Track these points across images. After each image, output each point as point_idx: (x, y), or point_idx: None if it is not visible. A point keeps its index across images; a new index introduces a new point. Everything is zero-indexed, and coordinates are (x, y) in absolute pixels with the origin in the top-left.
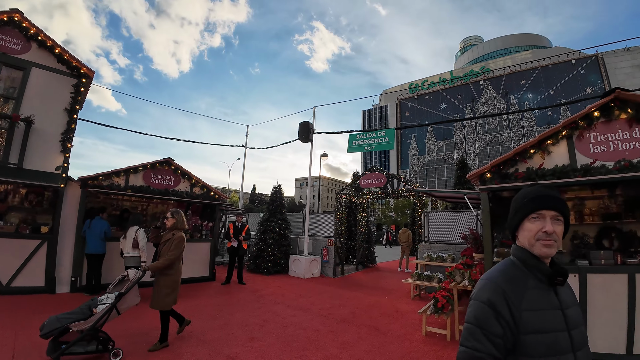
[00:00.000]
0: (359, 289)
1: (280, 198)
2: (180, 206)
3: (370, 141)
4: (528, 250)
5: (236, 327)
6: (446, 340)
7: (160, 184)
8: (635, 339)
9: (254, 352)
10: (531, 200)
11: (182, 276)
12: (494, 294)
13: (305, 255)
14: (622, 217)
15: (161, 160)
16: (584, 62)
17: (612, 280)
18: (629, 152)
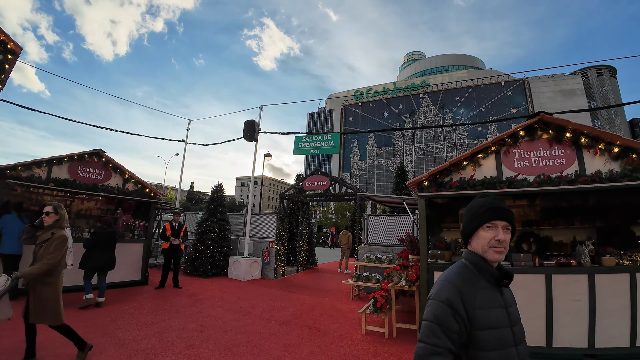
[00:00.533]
0: (301, 291)
1: (221, 197)
2: (111, 203)
3: (316, 144)
4: (481, 255)
5: (173, 334)
6: (384, 337)
7: (88, 178)
8: (554, 332)
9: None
10: (486, 211)
11: (110, 280)
12: (451, 294)
13: (246, 257)
14: (539, 224)
15: (90, 151)
16: (512, 85)
17: (531, 280)
18: (548, 168)
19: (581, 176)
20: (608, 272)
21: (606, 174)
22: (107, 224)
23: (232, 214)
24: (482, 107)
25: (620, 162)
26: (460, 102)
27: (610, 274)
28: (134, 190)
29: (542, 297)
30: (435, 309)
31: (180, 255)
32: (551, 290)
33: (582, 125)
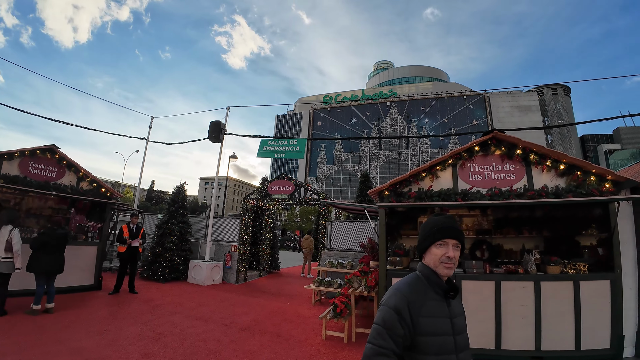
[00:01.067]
0: (262, 296)
1: (183, 199)
2: (64, 203)
3: (281, 148)
4: (432, 269)
5: (127, 342)
6: (344, 342)
7: (40, 175)
8: (502, 335)
9: None
10: (439, 230)
11: (60, 285)
12: (399, 301)
13: (207, 261)
14: (492, 233)
15: (43, 147)
16: (474, 99)
17: (481, 286)
18: (499, 182)
19: (529, 190)
20: (553, 280)
21: (552, 189)
22: (57, 225)
23: (193, 216)
24: (445, 118)
25: (566, 179)
26: (425, 112)
27: (554, 281)
28: (88, 189)
29: (492, 302)
30: (384, 314)
31: (137, 259)
32: (500, 296)
33: (532, 144)
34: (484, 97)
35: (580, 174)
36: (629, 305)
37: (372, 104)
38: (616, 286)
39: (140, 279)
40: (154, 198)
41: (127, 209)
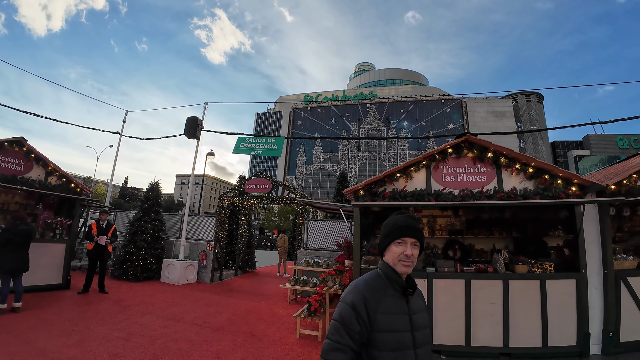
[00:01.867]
0: (237, 295)
1: (157, 196)
2: (31, 198)
3: (258, 146)
4: (392, 267)
5: (96, 343)
6: (318, 341)
7: (7, 169)
8: (472, 332)
9: None
10: (398, 228)
11: (26, 284)
12: (356, 298)
13: (181, 259)
14: (464, 233)
15: (11, 139)
16: (451, 103)
17: (452, 284)
18: (471, 184)
19: (499, 192)
20: (520, 279)
21: (521, 191)
22: (20, 220)
23: (167, 214)
24: (424, 121)
25: (534, 182)
26: (404, 114)
27: (522, 280)
28: (57, 184)
29: (462, 300)
30: (341, 311)
31: (107, 258)
32: (470, 294)
33: (502, 147)
34: (461, 101)
35: (547, 177)
36: (594, 304)
37: (352, 105)
38: (581, 285)
39: (111, 279)
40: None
41: (98, 206)
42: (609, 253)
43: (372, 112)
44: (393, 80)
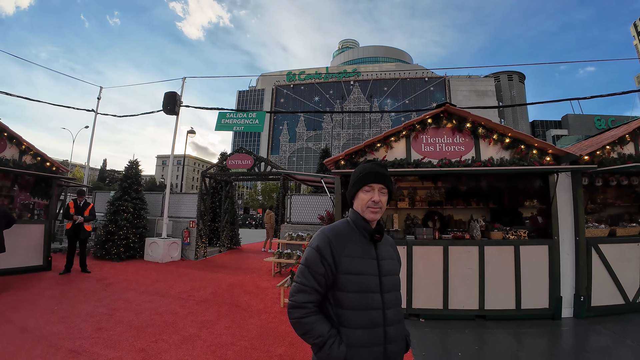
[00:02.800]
0: (222, 270)
1: (137, 174)
2: (6, 179)
3: (240, 121)
4: (360, 214)
5: (80, 319)
6: None
7: None
8: (449, 296)
9: (102, 342)
10: (365, 175)
11: (6, 266)
12: (322, 242)
13: (164, 237)
14: (443, 204)
15: None
16: (434, 81)
17: (431, 251)
18: (449, 153)
19: (476, 161)
20: (495, 245)
21: (497, 160)
22: None
23: (149, 193)
24: (407, 99)
25: (511, 152)
26: (388, 92)
27: (497, 246)
28: (32, 163)
29: (440, 266)
30: (307, 254)
31: (85, 237)
32: (448, 260)
33: (480, 118)
34: (444, 80)
35: (523, 147)
36: (566, 270)
37: (335, 83)
38: (553, 251)
39: (93, 259)
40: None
41: (75, 185)
42: (580, 220)
43: (355, 89)
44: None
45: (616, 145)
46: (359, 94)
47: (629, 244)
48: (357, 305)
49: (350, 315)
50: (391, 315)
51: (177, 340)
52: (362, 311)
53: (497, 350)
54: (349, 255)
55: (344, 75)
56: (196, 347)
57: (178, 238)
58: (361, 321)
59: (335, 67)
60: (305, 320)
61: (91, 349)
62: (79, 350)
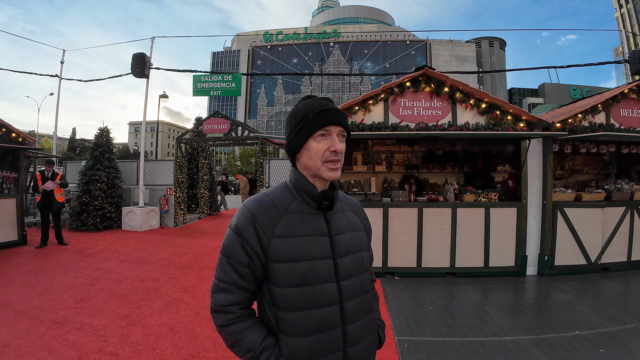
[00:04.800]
0: (202, 236)
1: (108, 142)
2: None
3: (216, 85)
4: (311, 173)
5: (60, 290)
6: None
7: None
8: (423, 255)
9: (85, 312)
10: (316, 115)
11: None
12: (242, 220)
13: (141, 206)
14: (419, 168)
15: None
16: (416, 45)
17: (406, 212)
18: (427, 117)
19: (453, 126)
20: (467, 207)
21: (473, 125)
22: None
23: (122, 161)
24: (388, 62)
25: (486, 117)
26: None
27: (469, 208)
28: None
29: (414, 227)
30: (225, 239)
31: (58, 209)
32: (422, 221)
33: (458, 82)
34: (426, 44)
35: (498, 113)
36: (532, 231)
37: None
38: (521, 214)
39: (69, 231)
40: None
41: (44, 155)
42: (548, 185)
43: (335, 52)
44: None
45: (588, 114)
46: (338, 57)
47: (593, 208)
48: (300, 304)
49: (292, 319)
50: (352, 309)
51: (161, 305)
52: (307, 311)
53: (465, 304)
54: (283, 235)
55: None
56: (180, 310)
57: (156, 206)
58: (307, 325)
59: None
60: (229, 329)
61: (75, 318)
62: (62, 321)
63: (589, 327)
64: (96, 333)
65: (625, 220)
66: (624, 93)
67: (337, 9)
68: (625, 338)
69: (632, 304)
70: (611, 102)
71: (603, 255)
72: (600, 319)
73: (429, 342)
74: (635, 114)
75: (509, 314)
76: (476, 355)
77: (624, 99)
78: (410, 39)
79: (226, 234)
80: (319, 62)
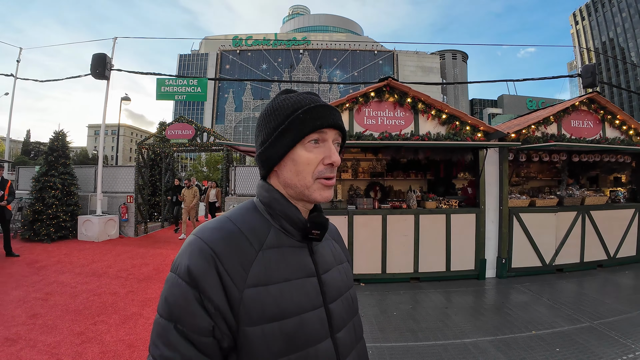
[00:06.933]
0: (164, 246)
1: (64, 146)
2: None
3: (181, 89)
4: (295, 193)
5: (11, 305)
6: None
7: None
8: (387, 261)
9: (38, 328)
10: (310, 113)
11: None
12: (198, 260)
13: (99, 215)
14: (384, 176)
15: None
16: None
17: (371, 219)
18: (390, 127)
19: (415, 135)
20: (429, 213)
21: (434, 135)
22: None
23: (79, 167)
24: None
25: (446, 127)
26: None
27: (431, 214)
28: None
29: (379, 233)
30: (169, 292)
31: (8, 218)
32: (386, 228)
33: (420, 93)
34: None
35: (458, 123)
36: (490, 235)
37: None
38: (480, 219)
39: (21, 241)
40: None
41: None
42: (505, 192)
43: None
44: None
45: (541, 125)
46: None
47: (546, 213)
48: None
49: None
50: None
51: (118, 320)
52: None
53: (429, 308)
54: (260, 283)
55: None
56: (138, 326)
57: (115, 214)
58: None
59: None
60: None
61: (28, 335)
62: (14, 337)
63: (546, 326)
64: (50, 351)
65: (577, 224)
66: (575, 105)
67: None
68: (580, 337)
69: (586, 303)
70: (563, 114)
71: (557, 257)
72: (556, 318)
73: (393, 347)
74: (585, 125)
75: (469, 317)
76: (438, 358)
77: (575, 111)
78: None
79: (168, 283)
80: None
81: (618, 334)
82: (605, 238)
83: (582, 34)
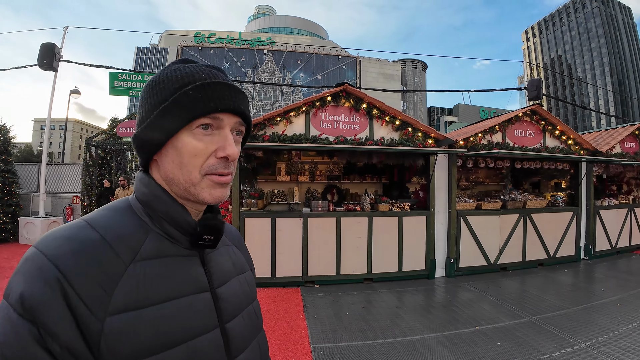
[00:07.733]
0: None
1: (5, 142)
2: None
3: (136, 85)
4: (168, 189)
5: None
6: None
7: None
8: (341, 263)
9: None
10: (201, 90)
11: None
12: (37, 283)
13: (42, 216)
14: (341, 179)
15: None
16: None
17: (325, 222)
18: (346, 131)
19: (369, 140)
20: (382, 216)
21: (388, 140)
22: None
23: (21, 164)
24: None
25: (400, 133)
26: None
27: (384, 217)
28: None
29: (333, 236)
30: None
31: None
32: (340, 230)
33: (375, 100)
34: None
35: (410, 130)
36: (439, 236)
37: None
38: (430, 221)
39: None
40: None
41: None
42: (453, 195)
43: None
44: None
45: (487, 134)
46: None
47: (491, 215)
48: None
49: None
50: None
51: None
52: None
53: (380, 307)
54: (131, 307)
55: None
56: None
57: (59, 216)
58: None
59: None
60: None
61: None
62: None
63: (488, 322)
64: None
65: (519, 225)
66: (518, 116)
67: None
68: (520, 331)
69: (526, 299)
70: (507, 124)
71: (501, 257)
72: (498, 314)
73: (343, 347)
74: (528, 134)
75: (418, 315)
76: (386, 356)
77: (518, 121)
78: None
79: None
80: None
81: (556, 328)
82: (546, 239)
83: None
